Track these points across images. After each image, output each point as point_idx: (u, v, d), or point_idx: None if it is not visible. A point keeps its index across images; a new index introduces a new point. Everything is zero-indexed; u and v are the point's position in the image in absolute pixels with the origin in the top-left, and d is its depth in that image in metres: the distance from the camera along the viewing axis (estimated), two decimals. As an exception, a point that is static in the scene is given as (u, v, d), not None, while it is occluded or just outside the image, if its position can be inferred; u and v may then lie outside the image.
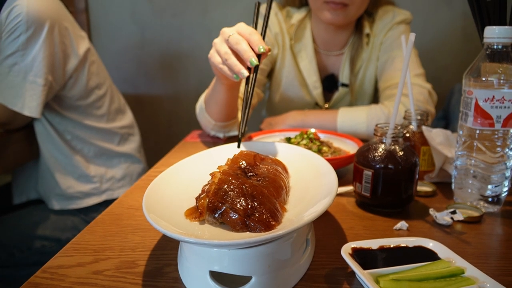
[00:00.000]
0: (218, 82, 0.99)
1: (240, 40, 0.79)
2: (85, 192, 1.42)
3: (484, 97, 0.69)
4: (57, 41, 1.25)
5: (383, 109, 1.19)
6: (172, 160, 1.02)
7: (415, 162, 0.71)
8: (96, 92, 1.42)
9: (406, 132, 0.87)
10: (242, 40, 0.79)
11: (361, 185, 0.73)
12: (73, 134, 1.39)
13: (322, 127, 1.22)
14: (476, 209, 0.72)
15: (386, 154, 0.71)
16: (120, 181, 1.50)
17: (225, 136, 1.21)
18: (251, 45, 0.79)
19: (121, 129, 1.52)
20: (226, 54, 0.81)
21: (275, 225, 0.48)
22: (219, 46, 0.83)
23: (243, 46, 0.78)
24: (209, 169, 0.60)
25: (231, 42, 0.80)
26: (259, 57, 0.78)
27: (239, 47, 0.78)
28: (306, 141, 0.93)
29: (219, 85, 0.99)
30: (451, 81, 2.08)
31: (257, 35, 0.79)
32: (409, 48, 0.65)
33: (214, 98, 1.06)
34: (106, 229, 0.65)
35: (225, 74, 0.83)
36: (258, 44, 0.78)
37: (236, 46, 0.79)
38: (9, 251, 1.31)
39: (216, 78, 1.00)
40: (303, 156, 0.70)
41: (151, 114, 2.40)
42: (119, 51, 2.31)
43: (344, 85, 1.38)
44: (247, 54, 0.77)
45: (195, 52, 2.27)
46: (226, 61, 0.81)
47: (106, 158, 1.47)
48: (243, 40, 0.79)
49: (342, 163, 0.86)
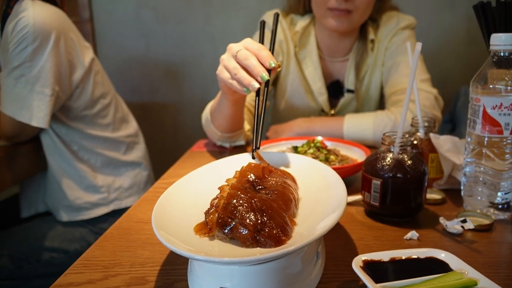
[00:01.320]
0: (224, 98, 0.98)
1: (249, 56, 0.78)
2: (93, 203, 1.42)
3: (492, 105, 0.69)
4: (63, 52, 1.26)
5: (389, 115, 1.18)
6: (179, 171, 1.02)
7: (424, 171, 0.71)
8: (101, 102, 1.43)
9: (413, 140, 0.87)
10: (251, 55, 0.78)
11: (369, 195, 0.73)
12: (79, 144, 1.40)
13: (328, 134, 1.22)
14: (486, 216, 0.72)
15: (395, 163, 0.70)
16: (127, 190, 1.50)
17: (231, 146, 1.21)
18: (260, 60, 0.78)
19: (127, 137, 1.53)
20: (235, 69, 0.80)
21: (286, 240, 0.47)
22: (227, 61, 0.82)
23: (253, 62, 0.77)
24: (217, 181, 0.60)
25: (240, 58, 0.79)
26: (269, 72, 0.78)
27: (248, 62, 0.77)
28: (313, 149, 0.93)
29: (224, 101, 0.99)
30: (456, 84, 2.08)
31: (266, 51, 0.78)
32: (415, 58, 0.65)
33: (220, 112, 1.06)
34: (115, 244, 0.65)
35: (234, 88, 0.82)
36: (268, 59, 0.77)
37: (246, 61, 0.78)
38: (17, 264, 1.31)
39: (221, 94, 1.00)
40: (311, 166, 0.70)
41: (157, 122, 2.41)
42: (124, 59, 2.32)
43: (350, 91, 1.38)
44: (257, 69, 0.76)
45: (199, 59, 2.28)
46: (235, 76, 0.80)
47: (113, 167, 1.48)
48: (252, 55, 0.78)
49: (350, 171, 0.86)
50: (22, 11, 1.19)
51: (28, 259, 1.32)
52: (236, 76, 0.79)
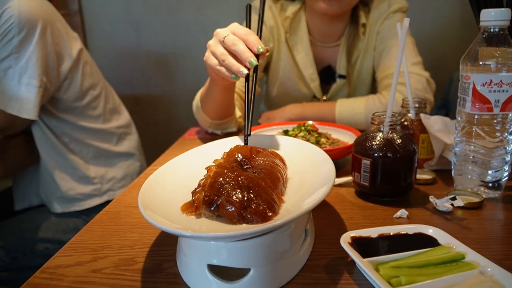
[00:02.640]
0: (213, 84, 0.98)
1: (236, 41, 0.77)
2: (86, 194, 1.42)
3: (481, 82, 0.69)
4: (50, 42, 1.24)
5: (381, 99, 1.18)
6: (170, 158, 1.00)
7: (414, 150, 0.71)
8: (90, 93, 1.42)
9: (404, 121, 0.86)
10: (238, 40, 0.77)
11: (359, 175, 0.72)
12: (70, 136, 1.39)
13: (321, 119, 1.21)
14: (477, 195, 0.72)
15: (384, 142, 0.70)
16: (121, 181, 1.50)
17: (223, 133, 1.20)
18: (248, 45, 0.77)
19: (118, 128, 1.52)
20: (223, 55, 0.79)
21: (272, 216, 0.47)
22: (214, 47, 0.81)
23: (241, 47, 0.76)
24: (205, 163, 0.60)
25: (227, 43, 0.78)
26: (257, 57, 0.77)
27: (236, 48, 0.76)
28: (303, 133, 0.93)
29: (214, 87, 0.99)
30: (450, 69, 2.07)
31: (253, 35, 0.77)
32: (403, 34, 0.64)
33: (210, 98, 1.05)
34: (105, 228, 0.65)
35: (223, 75, 0.81)
36: (256, 44, 0.76)
37: (233, 47, 0.77)
38: (12, 255, 1.31)
39: (210, 80, 0.99)
40: (300, 147, 0.69)
41: (149, 113, 2.40)
42: (115, 51, 2.30)
43: (342, 77, 1.37)
44: (245, 54, 0.75)
45: (191, 49, 2.27)
46: (223, 62, 0.79)
47: (105, 158, 1.47)
48: (240, 40, 0.77)
49: (340, 153, 0.86)
50: (6, 2, 1.17)
51: (22, 250, 1.32)
52: (224, 63, 0.79)
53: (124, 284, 0.50)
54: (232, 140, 0.73)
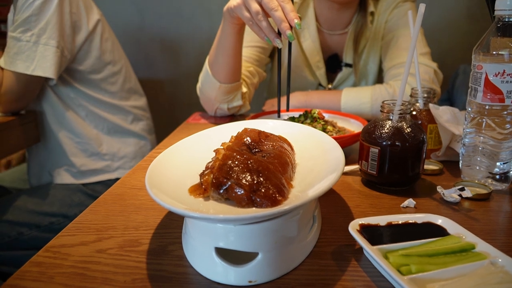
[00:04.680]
0: (228, 23, 0.97)
1: (277, 6, 0.77)
2: (97, 169, 1.46)
3: (494, 72, 0.68)
4: (68, 11, 1.29)
5: (387, 88, 1.17)
6: (174, 141, 1.00)
7: (423, 139, 0.70)
8: (109, 68, 1.46)
9: (412, 110, 0.85)
10: (278, 6, 0.77)
11: (367, 163, 0.72)
12: (87, 109, 1.43)
13: (326, 107, 1.20)
14: (484, 186, 0.71)
15: (393, 131, 0.69)
16: (132, 160, 1.53)
17: (230, 109, 1.19)
18: (285, 14, 0.77)
19: (134, 108, 1.56)
20: (259, 15, 0.79)
21: (282, 200, 0.46)
22: (250, 1, 0.80)
23: (280, 15, 0.76)
24: (212, 146, 0.59)
25: (267, 5, 0.77)
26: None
27: (276, 13, 0.76)
28: (310, 120, 0.92)
29: (227, 27, 0.98)
30: (455, 63, 2.05)
31: (290, 4, 0.78)
32: (418, 21, 0.63)
33: (221, 46, 1.04)
34: (109, 209, 0.64)
35: (255, 32, 0.82)
36: (293, 17, 0.77)
37: (272, 12, 0.76)
38: (17, 230, 1.31)
39: (223, 23, 0.99)
40: (308, 134, 0.69)
41: (152, 97, 2.37)
42: (118, 34, 2.25)
43: (348, 65, 1.36)
44: (285, 25, 0.75)
45: (195, 34, 2.24)
46: (260, 22, 0.79)
47: (120, 135, 1.51)
48: (279, 6, 0.77)
49: (347, 141, 0.85)
50: None
51: (27, 225, 1.32)
52: (260, 23, 0.79)
53: (129, 265, 0.50)
54: (239, 124, 0.72)
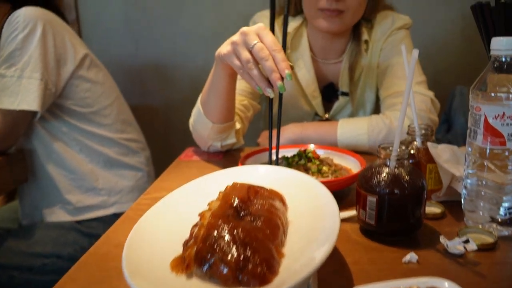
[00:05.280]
0: (219, 68, 0.95)
1: (267, 56, 0.75)
2: (93, 205, 1.42)
3: (493, 114, 0.64)
4: (52, 44, 1.28)
5: (384, 119, 1.14)
6: (164, 184, 0.97)
7: (423, 185, 0.66)
8: (101, 101, 1.44)
9: (410, 149, 0.82)
10: (269, 55, 0.75)
11: (365, 212, 0.68)
12: (81, 143, 1.40)
13: (322, 140, 1.17)
14: (489, 233, 0.67)
15: (391, 178, 0.66)
16: (129, 193, 1.50)
17: (223, 146, 1.15)
18: (276, 63, 0.75)
19: (130, 141, 1.54)
20: (249, 63, 0.77)
21: (272, 277, 0.43)
22: (240, 49, 0.79)
23: (271, 65, 0.74)
24: (199, 202, 0.56)
25: (256, 53, 0.76)
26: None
27: (266, 63, 0.75)
28: (304, 160, 0.88)
29: (219, 71, 0.95)
30: (451, 83, 2.02)
31: (281, 53, 0.76)
32: (412, 66, 0.60)
33: (214, 89, 1.01)
34: (90, 274, 0.60)
35: (246, 80, 0.81)
36: (285, 68, 0.75)
37: (263, 61, 0.75)
38: (8, 273, 1.26)
39: (215, 66, 0.97)
40: (302, 182, 0.66)
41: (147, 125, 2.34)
42: (113, 62, 2.25)
43: (344, 94, 1.33)
44: (275, 75, 0.74)
45: (190, 61, 2.22)
46: (249, 70, 0.78)
47: (116, 168, 1.48)
48: (270, 56, 0.76)
49: (343, 184, 0.82)
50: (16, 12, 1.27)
51: (19, 267, 1.28)
52: (251, 72, 0.78)
53: None
54: (229, 173, 0.69)
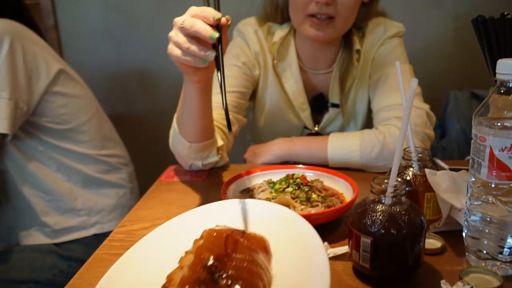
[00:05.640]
0: (188, 82, 0.88)
1: (194, 22, 0.71)
2: (72, 227, 1.35)
3: (500, 146, 0.58)
4: (21, 59, 1.19)
5: (377, 135, 1.07)
6: (142, 213, 0.90)
7: (422, 223, 0.60)
8: (79, 116, 1.36)
9: (406, 176, 0.75)
10: (196, 20, 0.72)
11: (358, 253, 0.61)
12: (59, 162, 1.32)
13: (311, 157, 1.11)
14: (494, 274, 0.61)
15: (387, 217, 0.59)
16: (111, 213, 1.42)
17: (205, 165, 1.08)
18: (205, 21, 0.72)
19: (111, 157, 1.45)
20: (185, 43, 0.73)
21: None
22: (176, 37, 0.75)
23: (199, 25, 0.71)
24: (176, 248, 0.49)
25: (186, 27, 0.72)
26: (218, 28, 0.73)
27: (195, 28, 0.71)
28: (292, 187, 0.81)
29: (189, 86, 0.89)
30: (445, 87, 1.98)
31: (209, 9, 0.72)
32: (410, 97, 0.53)
33: (187, 107, 0.94)
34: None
35: (191, 63, 0.76)
36: (211, 15, 0.71)
37: (192, 29, 0.71)
38: None
39: (184, 82, 0.90)
40: (287, 221, 0.59)
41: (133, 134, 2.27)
42: (94, 69, 2.17)
43: (335, 105, 1.26)
44: (205, 30, 0.70)
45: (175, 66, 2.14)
46: (188, 50, 0.73)
47: (96, 187, 1.40)
48: (197, 20, 0.72)
49: (334, 215, 0.75)
50: None
51: None
52: (189, 50, 0.73)
53: None
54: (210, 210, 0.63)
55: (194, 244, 0.52)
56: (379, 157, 1.05)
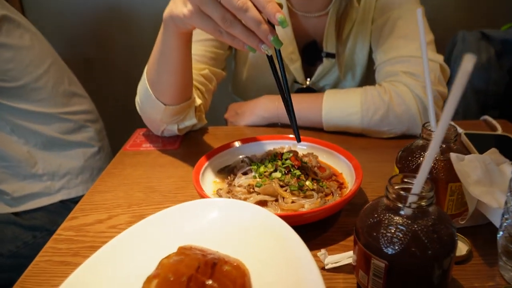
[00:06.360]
0: (170, 34, 0.71)
1: (244, 3, 0.55)
2: (34, 194, 1.21)
3: None
4: None
5: (381, 94, 0.90)
6: (97, 197, 0.74)
7: (452, 242, 0.45)
8: (30, 71, 1.17)
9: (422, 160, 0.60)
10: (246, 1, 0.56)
11: (367, 277, 0.47)
12: (13, 123, 1.17)
13: (302, 119, 0.94)
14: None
15: (409, 237, 0.44)
16: (78, 176, 1.27)
17: (180, 130, 0.91)
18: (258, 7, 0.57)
19: (75, 114, 1.28)
20: (226, 20, 0.57)
21: None
22: (210, 7, 0.57)
23: (254, 14, 0.56)
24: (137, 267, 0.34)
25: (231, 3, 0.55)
26: None
27: (247, 14, 0.56)
28: (280, 172, 0.65)
29: (171, 39, 0.71)
30: (452, 26, 1.77)
31: None
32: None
33: (165, 64, 0.76)
34: None
35: (228, 42, 0.62)
36: (272, 11, 0.56)
37: (242, 13, 0.56)
38: None
39: (164, 33, 0.72)
40: (272, 233, 0.45)
41: (104, 81, 2.05)
42: (59, 10, 1.91)
43: (330, 55, 1.07)
44: (264, 27, 0.57)
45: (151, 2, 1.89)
46: (231, 29, 0.58)
47: (58, 148, 1.24)
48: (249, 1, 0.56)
49: (334, 210, 0.60)
50: None
51: None
52: (233, 30, 0.58)
53: None
54: (182, 215, 0.48)
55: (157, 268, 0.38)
56: (383, 121, 0.89)
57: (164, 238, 0.48)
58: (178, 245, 0.44)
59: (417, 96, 0.88)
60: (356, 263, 0.49)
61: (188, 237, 0.47)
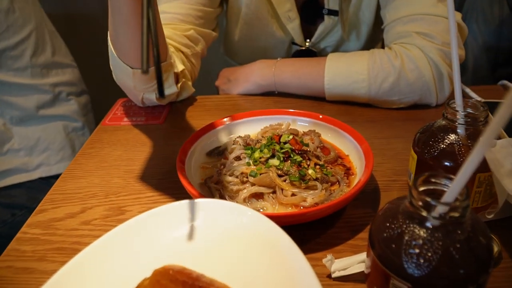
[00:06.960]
0: None
1: None
2: (11, 170, 1.13)
3: None
4: None
5: (391, 58, 0.79)
6: (69, 184, 0.65)
7: (490, 255, 0.37)
8: (7, 36, 1.07)
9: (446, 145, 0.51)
10: None
11: (384, 296, 0.39)
12: None
13: (302, 87, 0.85)
14: None
15: (439, 253, 0.35)
16: (59, 152, 1.20)
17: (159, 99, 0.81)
18: None
19: (56, 86, 1.19)
20: None
21: None
22: None
23: None
24: None
25: None
26: None
27: None
28: (278, 159, 0.56)
29: None
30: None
31: None
32: None
33: (116, 13, 0.65)
34: None
35: None
36: None
37: None
38: None
39: None
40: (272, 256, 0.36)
41: (88, 37, 1.91)
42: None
43: (332, 13, 0.95)
44: None
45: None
46: None
47: (37, 122, 1.16)
48: None
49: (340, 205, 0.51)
50: None
51: None
52: None
53: None
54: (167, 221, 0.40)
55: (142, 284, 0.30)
56: (393, 89, 0.79)
57: (137, 253, 0.39)
58: (153, 265, 0.36)
59: (432, 61, 0.78)
60: (370, 275, 0.41)
61: (165, 252, 0.38)
